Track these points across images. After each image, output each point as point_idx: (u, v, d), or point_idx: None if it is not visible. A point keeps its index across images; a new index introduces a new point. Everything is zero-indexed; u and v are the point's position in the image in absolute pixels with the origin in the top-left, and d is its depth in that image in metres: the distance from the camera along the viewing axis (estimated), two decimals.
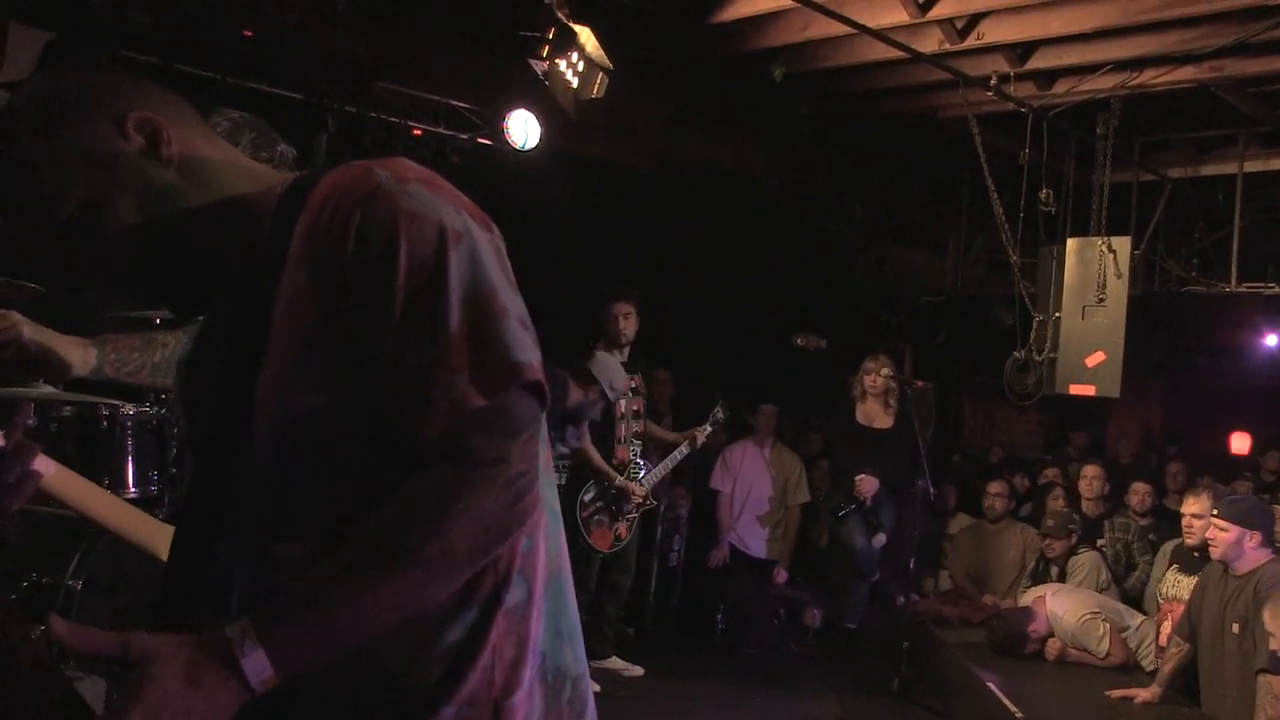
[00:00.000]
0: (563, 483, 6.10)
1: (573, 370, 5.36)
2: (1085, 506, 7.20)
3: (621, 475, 5.91)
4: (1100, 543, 6.87)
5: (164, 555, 1.64)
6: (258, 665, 1.21)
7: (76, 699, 1.33)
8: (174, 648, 1.21)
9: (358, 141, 5.34)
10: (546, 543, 1.51)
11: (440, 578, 1.28)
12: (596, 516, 5.80)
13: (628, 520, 5.92)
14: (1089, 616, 5.58)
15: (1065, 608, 5.68)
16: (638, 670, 6.07)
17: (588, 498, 5.80)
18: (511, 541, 1.38)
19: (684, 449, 6.32)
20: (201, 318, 1.58)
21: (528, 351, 1.34)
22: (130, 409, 3.77)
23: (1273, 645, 4.03)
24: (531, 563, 1.46)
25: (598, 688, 5.72)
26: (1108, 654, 5.51)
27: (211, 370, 1.43)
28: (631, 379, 5.99)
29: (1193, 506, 5.15)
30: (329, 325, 1.30)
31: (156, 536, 2.43)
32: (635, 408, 6.06)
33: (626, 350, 5.99)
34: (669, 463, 6.31)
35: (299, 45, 5.41)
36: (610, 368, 5.42)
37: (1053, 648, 5.61)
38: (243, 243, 1.39)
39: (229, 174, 1.43)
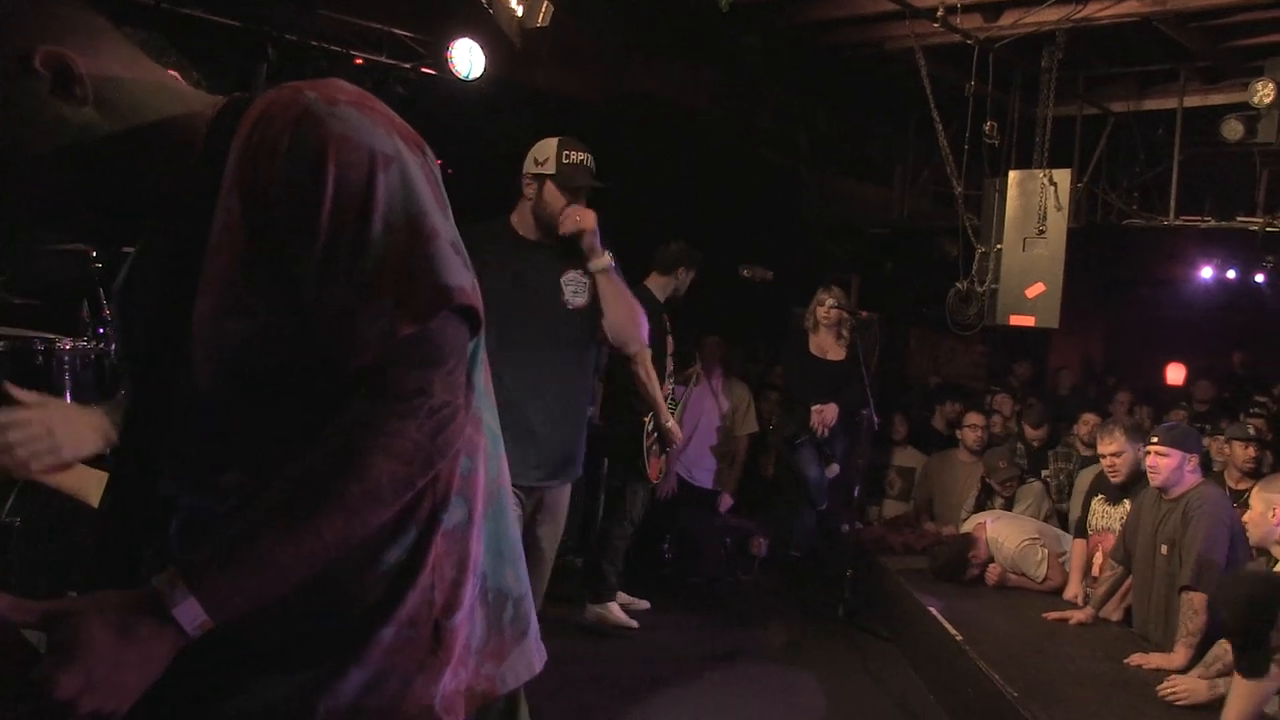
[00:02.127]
0: None
1: None
2: (1030, 437, 7.33)
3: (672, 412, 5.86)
4: (1045, 473, 7.02)
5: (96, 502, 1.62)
6: (191, 612, 1.22)
7: (24, 642, 1.33)
8: (99, 605, 1.21)
9: (299, 70, 5.23)
10: (486, 464, 1.51)
11: (366, 515, 1.29)
12: (654, 447, 5.81)
13: (666, 455, 5.91)
14: (1028, 542, 5.72)
15: (1005, 534, 5.81)
16: (644, 604, 6.08)
17: (651, 426, 5.71)
18: (450, 463, 1.39)
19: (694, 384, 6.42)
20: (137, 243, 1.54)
21: (458, 275, 1.33)
22: (67, 343, 3.71)
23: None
24: (471, 484, 1.47)
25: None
26: (1045, 578, 5.66)
27: (147, 297, 1.41)
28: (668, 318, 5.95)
29: (1111, 445, 5.24)
30: (260, 251, 1.29)
31: (91, 483, 2.40)
32: (671, 347, 6.03)
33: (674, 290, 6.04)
34: (684, 403, 6.33)
35: None
36: None
37: (993, 573, 5.75)
38: (174, 168, 1.36)
39: (155, 97, 1.37)
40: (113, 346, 3.73)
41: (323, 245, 1.27)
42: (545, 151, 3.80)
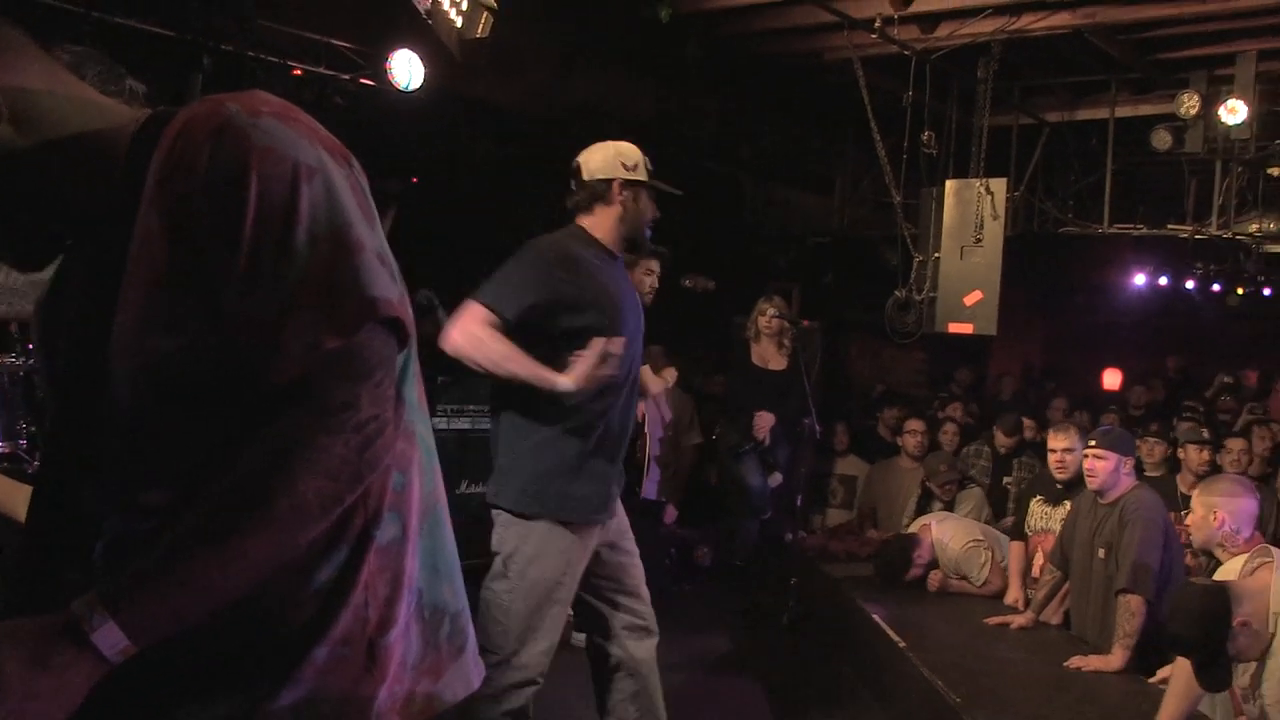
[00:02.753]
0: None
1: None
2: (1000, 444, 7.39)
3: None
4: (1007, 480, 7.09)
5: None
6: (111, 638, 1.19)
7: None
8: (11, 632, 1.18)
9: (236, 81, 5.17)
10: (421, 479, 1.49)
11: (294, 532, 1.27)
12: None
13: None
14: (972, 544, 5.77)
15: (950, 535, 5.85)
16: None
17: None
18: (381, 478, 1.37)
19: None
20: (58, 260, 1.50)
21: (385, 286, 1.32)
22: None
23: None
24: (405, 499, 1.45)
25: None
26: (986, 582, 5.72)
27: (69, 313, 1.39)
28: None
29: (1062, 442, 5.33)
30: (183, 265, 1.27)
31: (17, 498, 2.34)
32: None
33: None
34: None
35: None
36: None
37: (934, 579, 5.80)
38: (95, 182, 1.33)
39: (75, 111, 1.35)
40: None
41: (246, 258, 1.25)
42: (633, 156, 3.54)
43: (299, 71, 5.67)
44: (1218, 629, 3.10)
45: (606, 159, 3.50)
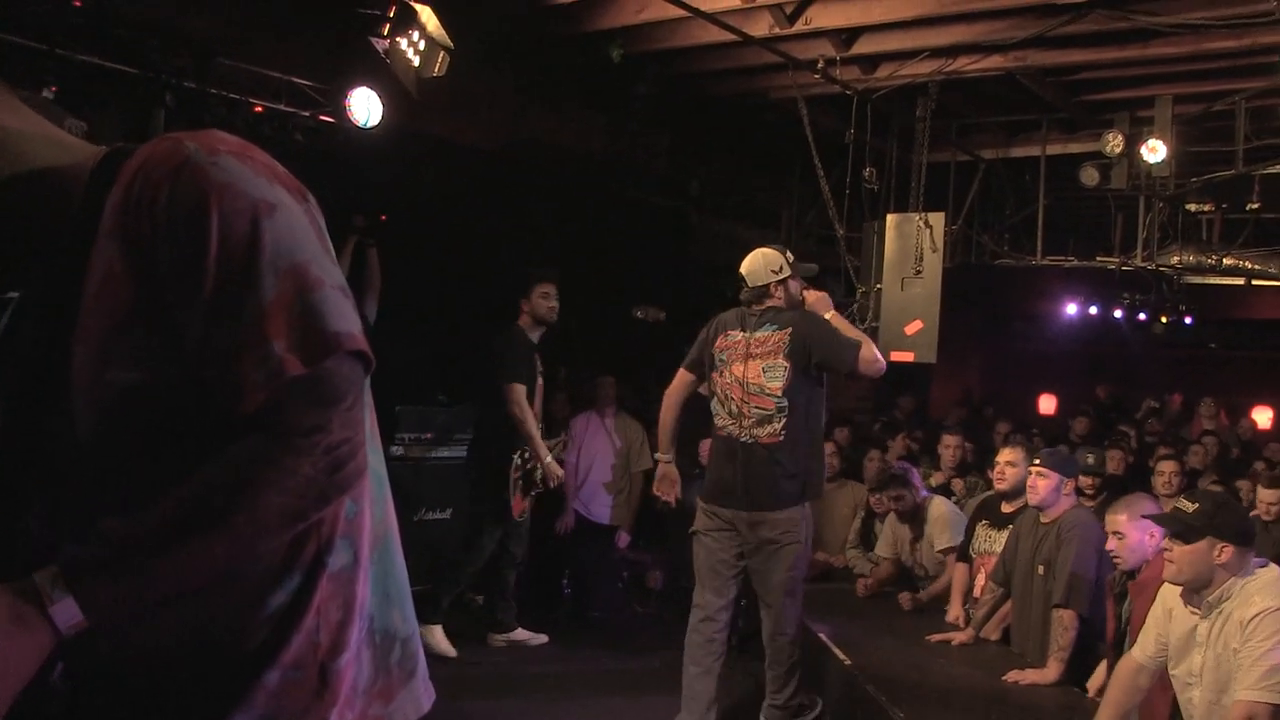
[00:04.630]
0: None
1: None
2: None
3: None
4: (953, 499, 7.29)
5: None
6: (67, 611, 1.21)
7: None
8: None
9: (198, 118, 5.24)
10: (372, 507, 1.50)
11: (252, 543, 1.29)
12: (520, 483, 5.91)
13: (532, 496, 6.04)
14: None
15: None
16: (542, 638, 6.24)
17: (518, 461, 5.89)
18: (334, 507, 1.38)
19: (559, 451, 6.47)
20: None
21: (347, 320, 1.34)
22: None
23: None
24: (357, 527, 1.46)
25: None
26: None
27: (21, 347, 1.38)
28: (538, 359, 6.12)
29: (1008, 456, 5.57)
30: (143, 301, 1.28)
31: None
32: (540, 385, 6.17)
33: (541, 331, 6.10)
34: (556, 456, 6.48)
35: (134, 18, 5.28)
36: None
37: (905, 599, 6.01)
38: (52, 217, 1.33)
39: (35, 146, 1.35)
40: None
41: (208, 294, 1.26)
42: (776, 262, 4.85)
43: (260, 108, 5.73)
44: None
45: (762, 269, 4.85)
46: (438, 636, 5.83)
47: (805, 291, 4.93)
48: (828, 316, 4.83)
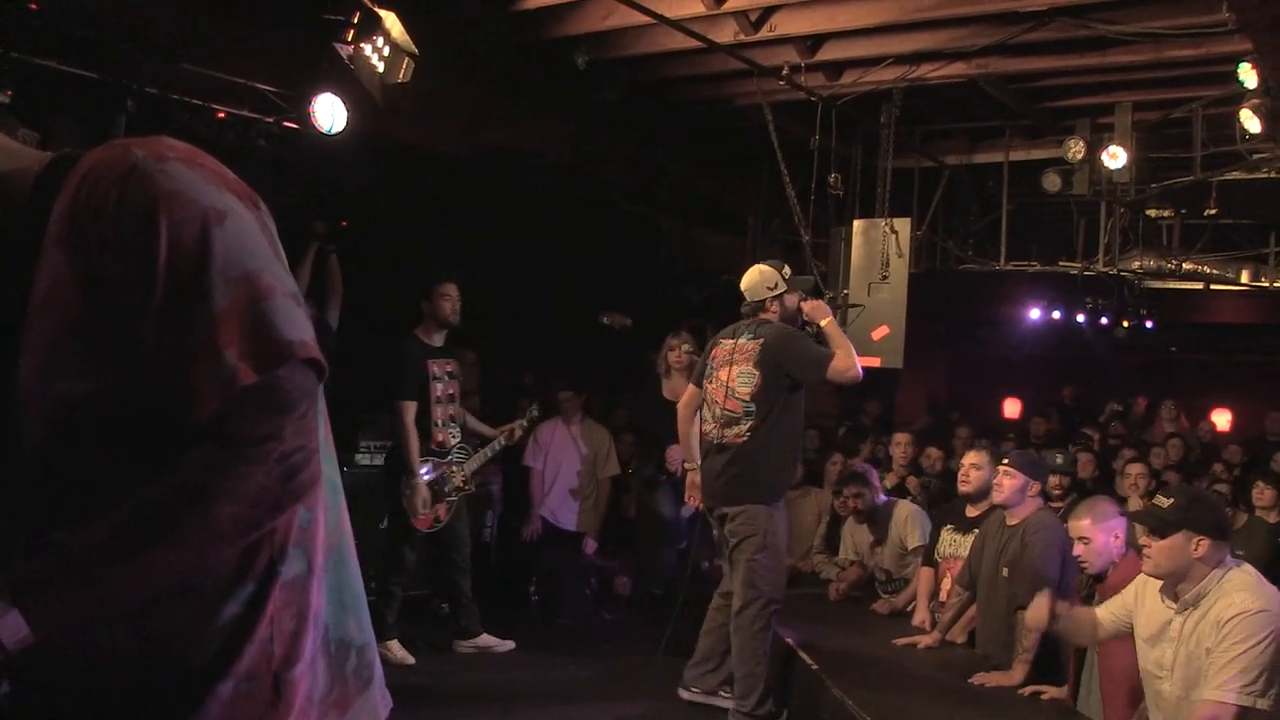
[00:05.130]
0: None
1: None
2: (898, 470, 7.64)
3: (444, 458, 6.01)
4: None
5: None
6: (12, 625, 1.19)
7: None
8: None
9: (161, 124, 5.19)
10: (326, 515, 1.49)
11: (205, 553, 1.28)
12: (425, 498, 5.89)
13: (448, 503, 6.02)
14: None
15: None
16: (509, 644, 6.24)
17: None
18: (287, 515, 1.37)
19: (501, 441, 6.44)
20: None
21: (299, 328, 1.32)
22: None
23: None
24: (311, 535, 1.44)
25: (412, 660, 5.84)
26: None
27: None
28: (448, 362, 6.10)
29: (973, 458, 5.62)
30: (92, 310, 1.26)
31: None
32: (451, 391, 6.13)
33: (444, 334, 6.09)
34: (487, 452, 6.42)
35: (94, 21, 5.22)
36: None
37: (882, 605, 6.05)
38: None
39: None
40: None
41: (158, 304, 1.24)
42: (771, 279, 5.19)
43: (223, 114, 5.69)
44: None
45: (758, 286, 5.21)
46: (394, 649, 5.85)
47: (803, 303, 5.16)
48: (823, 324, 5.09)
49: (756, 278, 5.23)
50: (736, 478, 5.00)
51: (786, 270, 5.23)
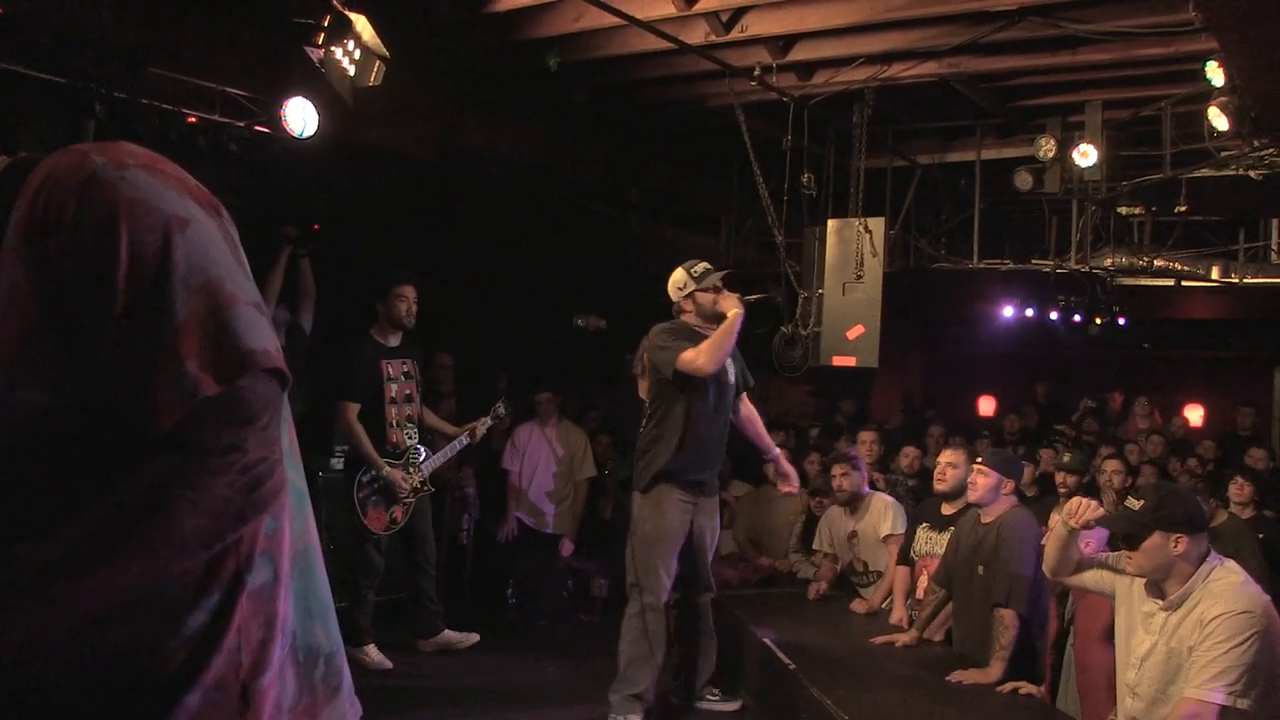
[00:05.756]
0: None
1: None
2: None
3: (399, 460, 6.00)
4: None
5: None
6: None
7: None
8: None
9: (130, 129, 5.15)
10: (292, 523, 1.47)
11: (167, 565, 1.26)
12: (373, 498, 5.89)
13: (404, 504, 6.01)
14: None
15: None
16: (473, 637, 6.26)
17: (365, 479, 5.88)
18: (253, 524, 1.36)
19: (463, 439, 6.43)
20: None
21: (262, 337, 1.31)
22: None
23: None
24: (276, 543, 1.42)
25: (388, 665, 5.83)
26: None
27: None
28: (404, 363, 6.09)
29: (949, 456, 5.64)
30: (51, 320, 1.24)
31: None
32: (408, 392, 6.12)
33: (400, 335, 6.09)
34: (448, 451, 6.41)
35: (62, 27, 5.17)
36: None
37: (860, 604, 6.07)
38: None
39: None
40: None
41: (118, 314, 1.22)
42: (679, 280, 5.32)
43: (193, 119, 5.64)
44: None
45: (672, 289, 5.37)
46: (372, 654, 5.85)
47: (719, 297, 5.22)
48: (730, 315, 5.10)
49: (670, 281, 5.40)
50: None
51: (699, 268, 5.28)
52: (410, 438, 6.12)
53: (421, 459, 6.14)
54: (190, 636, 1.33)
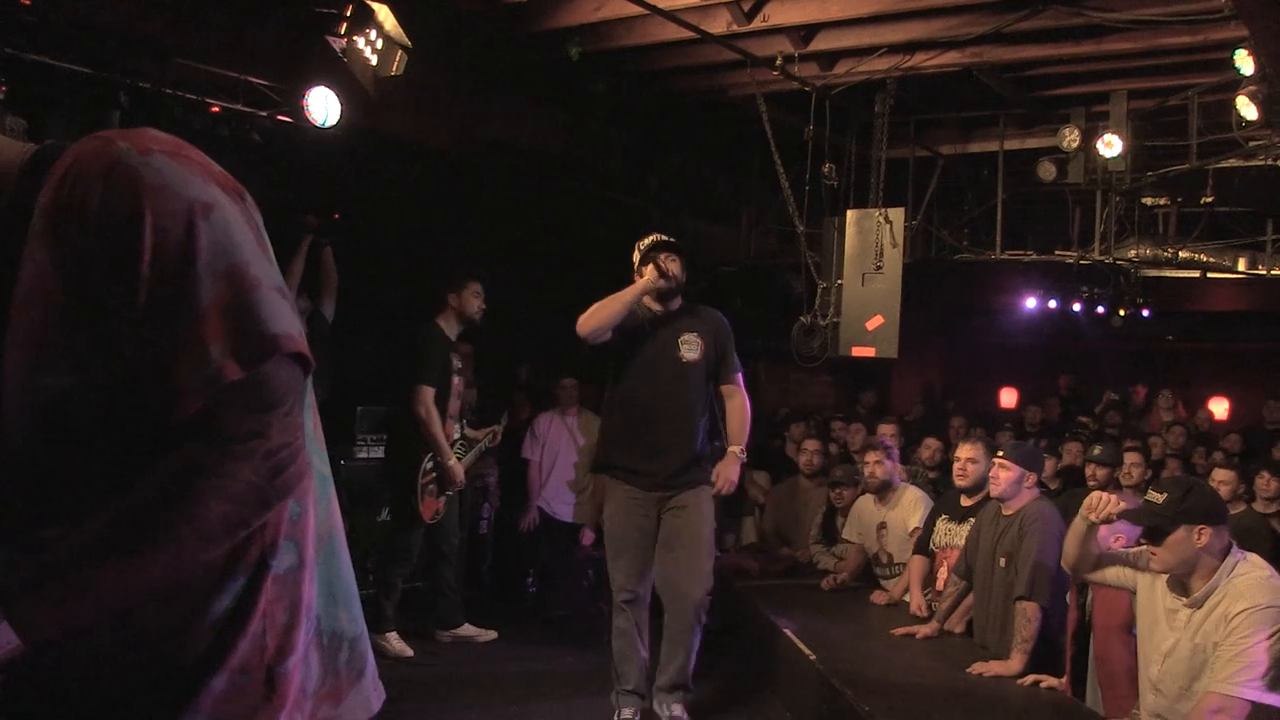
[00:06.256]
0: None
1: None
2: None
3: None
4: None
5: None
6: (2, 635, 1.20)
7: None
8: None
9: (154, 118, 5.17)
10: (316, 507, 1.50)
11: (194, 552, 1.27)
12: (430, 487, 5.89)
13: (446, 496, 6.03)
14: None
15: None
16: (491, 634, 6.25)
17: (428, 465, 5.86)
18: (278, 508, 1.37)
19: (486, 443, 6.49)
20: None
21: (285, 322, 1.31)
22: None
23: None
24: (301, 528, 1.45)
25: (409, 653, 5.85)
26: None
27: None
28: (460, 356, 6.12)
29: (968, 452, 5.62)
30: (77, 305, 1.26)
31: None
32: (461, 386, 6.15)
33: (460, 328, 6.08)
34: (478, 451, 6.45)
35: (87, 18, 5.20)
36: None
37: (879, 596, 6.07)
38: None
39: None
40: None
41: (143, 297, 1.24)
42: (635, 257, 4.98)
43: (217, 109, 5.67)
44: None
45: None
46: (393, 641, 5.85)
47: (647, 269, 4.91)
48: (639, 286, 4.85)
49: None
50: None
51: (647, 240, 5.00)
52: (456, 432, 6.13)
53: (464, 453, 6.19)
54: (215, 621, 1.35)
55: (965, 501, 5.59)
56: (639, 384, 4.82)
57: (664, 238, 5.00)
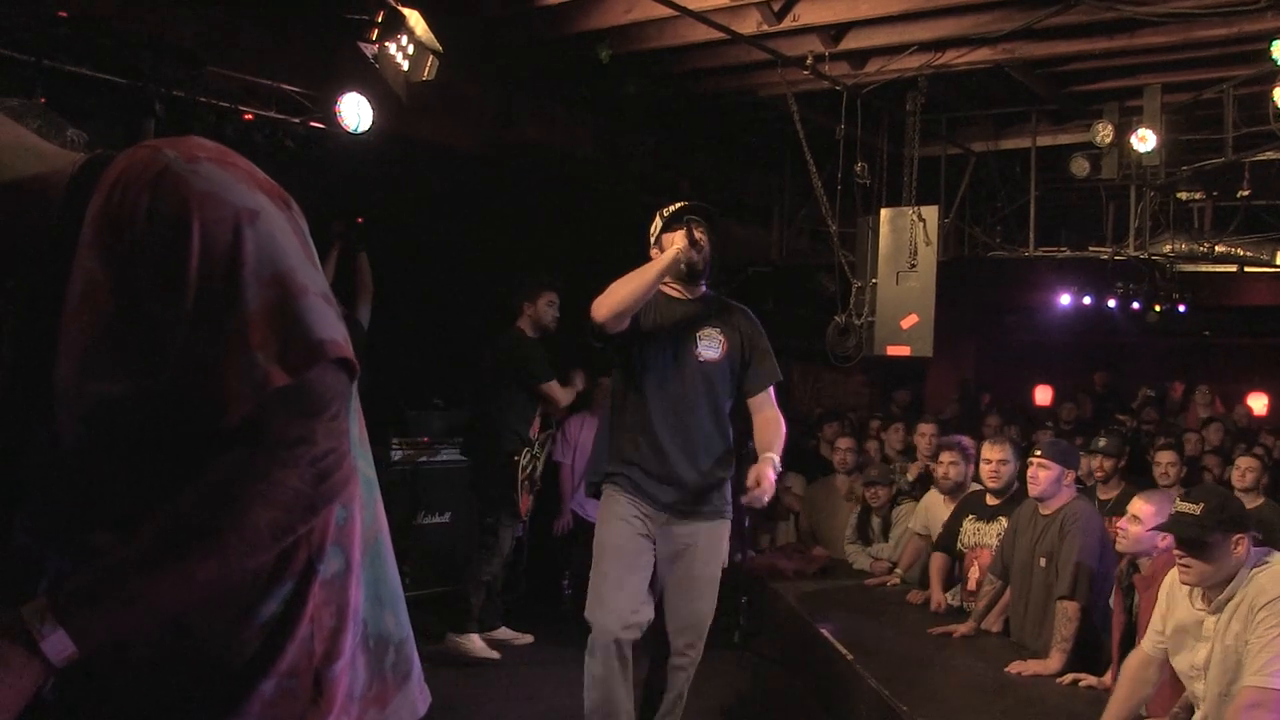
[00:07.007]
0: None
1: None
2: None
3: (539, 451, 6.17)
4: None
5: None
6: (58, 644, 1.21)
7: None
8: None
9: (188, 126, 5.23)
10: (362, 512, 1.51)
11: (243, 559, 1.29)
12: (526, 483, 6.01)
13: (532, 494, 6.14)
14: None
15: None
16: (527, 638, 6.29)
17: (524, 462, 5.98)
18: (324, 514, 1.38)
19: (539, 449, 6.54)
20: None
21: (331, 328, 1.32)
22: None
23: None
24: (348, 532, 1.46)
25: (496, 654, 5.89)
26: None
27: (3, 358, 1.37)
28: None
29: (996, 453, 5.58)
30: (126, 312, 1.27)
31: None
32: None
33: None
34: (547, 452, 6.53)
35: (121, 28, 5.27)
36: None
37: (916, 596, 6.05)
38: (30, 227, 1.33)
39: (11, 155, 1.35)
40: None
41: (190, 304, 1.25)
42: (653, 227, 4.21)
43: (250, 116, 5.72)
44: None
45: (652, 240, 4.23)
46: (477, 644, 5.89)
47: (673, 236, 4.09)
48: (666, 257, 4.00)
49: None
50: None
51: (671, 209, 4.19)
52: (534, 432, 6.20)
53: (541, 454, 6.27)
54: (263, 625, 1.37)
55: (991, 501, 5.58)
56: (643, 383, 3.97)
57: (693, 203, 4.25)
